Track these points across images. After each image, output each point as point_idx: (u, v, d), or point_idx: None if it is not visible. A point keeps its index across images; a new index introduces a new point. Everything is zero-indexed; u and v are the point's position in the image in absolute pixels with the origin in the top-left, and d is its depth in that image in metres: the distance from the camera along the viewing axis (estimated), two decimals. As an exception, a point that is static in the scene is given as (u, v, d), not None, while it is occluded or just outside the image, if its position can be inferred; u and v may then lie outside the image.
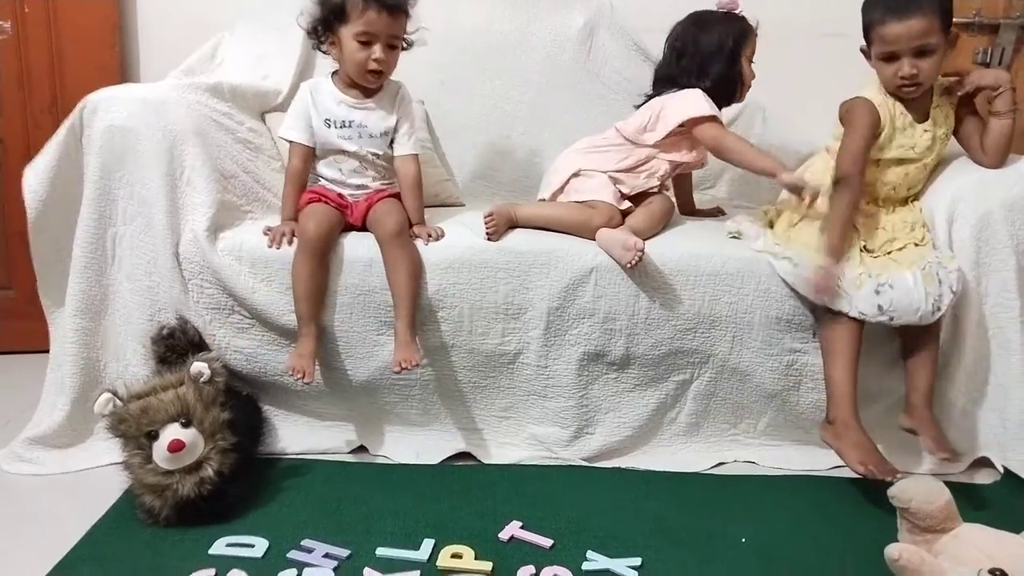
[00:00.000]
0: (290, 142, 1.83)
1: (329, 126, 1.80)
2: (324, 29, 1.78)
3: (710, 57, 1.96)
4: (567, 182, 1.95)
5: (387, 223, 1.74)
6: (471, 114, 2.37)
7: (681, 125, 1.93)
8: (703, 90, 1.95)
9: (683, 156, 1.99)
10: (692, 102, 1.93)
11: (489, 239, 1.79)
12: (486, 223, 1.80)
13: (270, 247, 1.75)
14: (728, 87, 1.98)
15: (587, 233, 1.83)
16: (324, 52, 1.83)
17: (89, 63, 2.29)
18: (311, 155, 1.84)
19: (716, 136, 1.92)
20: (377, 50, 1.74)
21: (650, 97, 2.05)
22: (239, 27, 2.31)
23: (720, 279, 1.79)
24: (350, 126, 1.80)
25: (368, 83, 1.80)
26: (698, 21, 2.01)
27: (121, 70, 2.36)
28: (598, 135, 2.04)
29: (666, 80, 2.02)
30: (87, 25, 2.29)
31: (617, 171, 1.95)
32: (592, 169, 1.94)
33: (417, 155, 1.87)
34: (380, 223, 1.75)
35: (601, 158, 1.97)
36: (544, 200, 2.00)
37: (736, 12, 1.99)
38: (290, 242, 1.75)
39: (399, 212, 1.79)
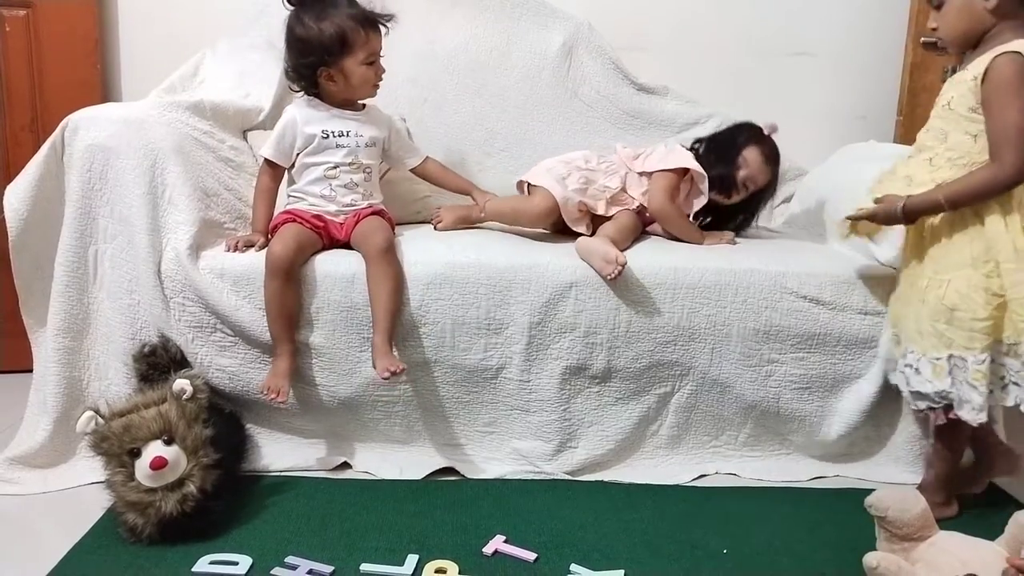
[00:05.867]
0: (267, 160, 1.87)
1: (327, 136, 1.85)
2: (323, 66, 1.82)
3: (720, 147, 2.06)
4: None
5: (376, 239, 1.77)
6: (452, 131, 2.39)
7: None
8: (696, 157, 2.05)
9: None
10: (673, 157, 2.03)
11: (436, 228, 2.01)
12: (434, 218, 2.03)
13: (226, 251, 1.79)
14: (721, 182, 2.04)
15: (522, 215, 1.97)
16: (312, 93, 1.89)
17: (70, 81, 2.29)
18: (281, 176, 1.90)
19: (661, 190, 2.01)
20: (379, 66, 1.87)
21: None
22: (221, 45, 2.32)
23: (698, 292, 1.81)
24: (347, 135, 1.86)
25: (372, 95, 1.91)
26: (740, 127, 2.10)
27: (102, 88, 2.36)
28: (597, 153, 2.12)
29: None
30: (68, 43, 2.30)
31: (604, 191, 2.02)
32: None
33: (427, 156, 2.07)
34: (368, 239, 1.78)
35: (598, 177, 2.04)
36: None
37: (766, 133, 2.05)
38: (243, 248, 1.79)
39: (386, 229, 1.83)
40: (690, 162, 2.03)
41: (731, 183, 2.03)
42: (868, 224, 1.67)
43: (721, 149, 2.06)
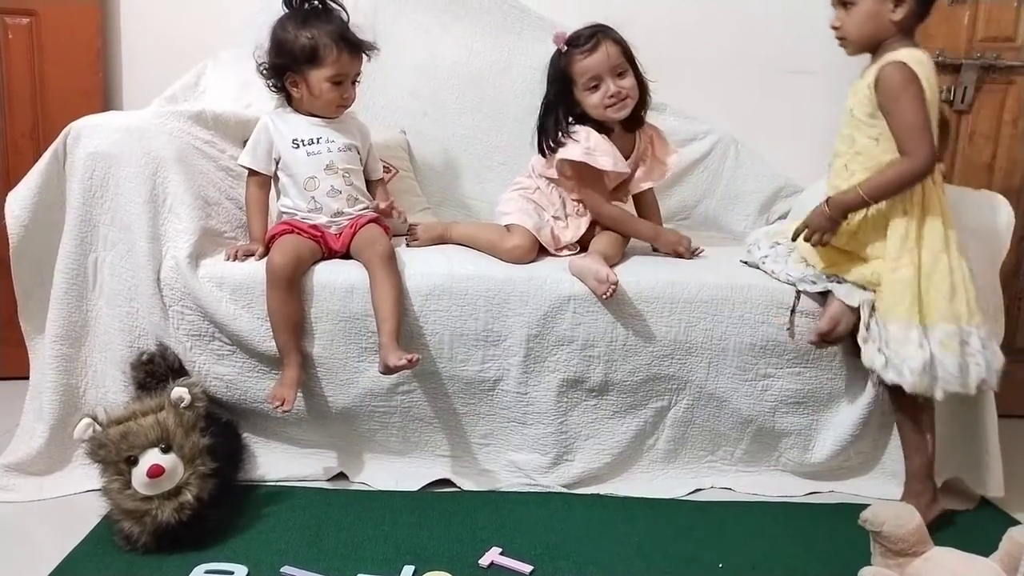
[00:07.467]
0: (248, 169, 1.88)
1: (298, 146, 1.86)
2: (291, 72, 1.85)
3: (556, 93, 1.99)
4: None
5: (377, 248, 1.78)
6: (451, 144, 2.40)
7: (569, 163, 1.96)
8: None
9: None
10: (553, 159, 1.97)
11: (408, 245, 1.99)
12: (409, 233, 2.01)
13: (226, 260, 1.79)
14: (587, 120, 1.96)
15: (499, 254, 1.89)
16: (277, 91, 1.90)
17: (72, 89, 2.30)
18: (268, 183, 1.90)
19: (587, 197, 1.98)
20: (347, 88, 1.87)
21: None
22: (222, 55, 2.32)
23: (695, 306, 1.82)
24: (318, 142, 1.87)
25: (335, 115, 1.91)
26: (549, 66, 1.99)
27: (104, 96, 2.37)
28: (525, 175, 2.08)
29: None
30: (70, 51, 2.30)
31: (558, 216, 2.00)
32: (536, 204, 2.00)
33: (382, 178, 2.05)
34: (370, 248, 1.79)
35: (544, 201, 2.01)
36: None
37: (561, 48, 1.94)
38: (242, 258, 1.79)
39: (386, 237, 1.84)
40: (567, 152, 1.93)
41: (591, 116, 1.96)
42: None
43: (558, 93, 1.96)
